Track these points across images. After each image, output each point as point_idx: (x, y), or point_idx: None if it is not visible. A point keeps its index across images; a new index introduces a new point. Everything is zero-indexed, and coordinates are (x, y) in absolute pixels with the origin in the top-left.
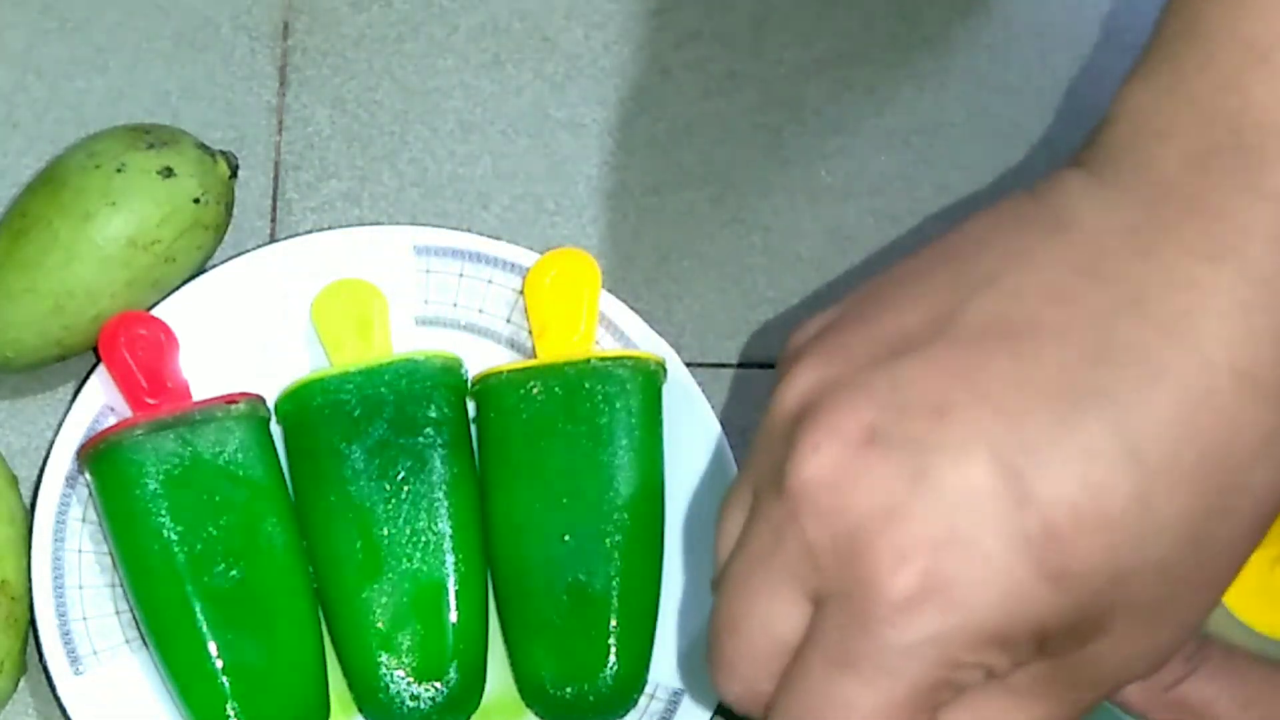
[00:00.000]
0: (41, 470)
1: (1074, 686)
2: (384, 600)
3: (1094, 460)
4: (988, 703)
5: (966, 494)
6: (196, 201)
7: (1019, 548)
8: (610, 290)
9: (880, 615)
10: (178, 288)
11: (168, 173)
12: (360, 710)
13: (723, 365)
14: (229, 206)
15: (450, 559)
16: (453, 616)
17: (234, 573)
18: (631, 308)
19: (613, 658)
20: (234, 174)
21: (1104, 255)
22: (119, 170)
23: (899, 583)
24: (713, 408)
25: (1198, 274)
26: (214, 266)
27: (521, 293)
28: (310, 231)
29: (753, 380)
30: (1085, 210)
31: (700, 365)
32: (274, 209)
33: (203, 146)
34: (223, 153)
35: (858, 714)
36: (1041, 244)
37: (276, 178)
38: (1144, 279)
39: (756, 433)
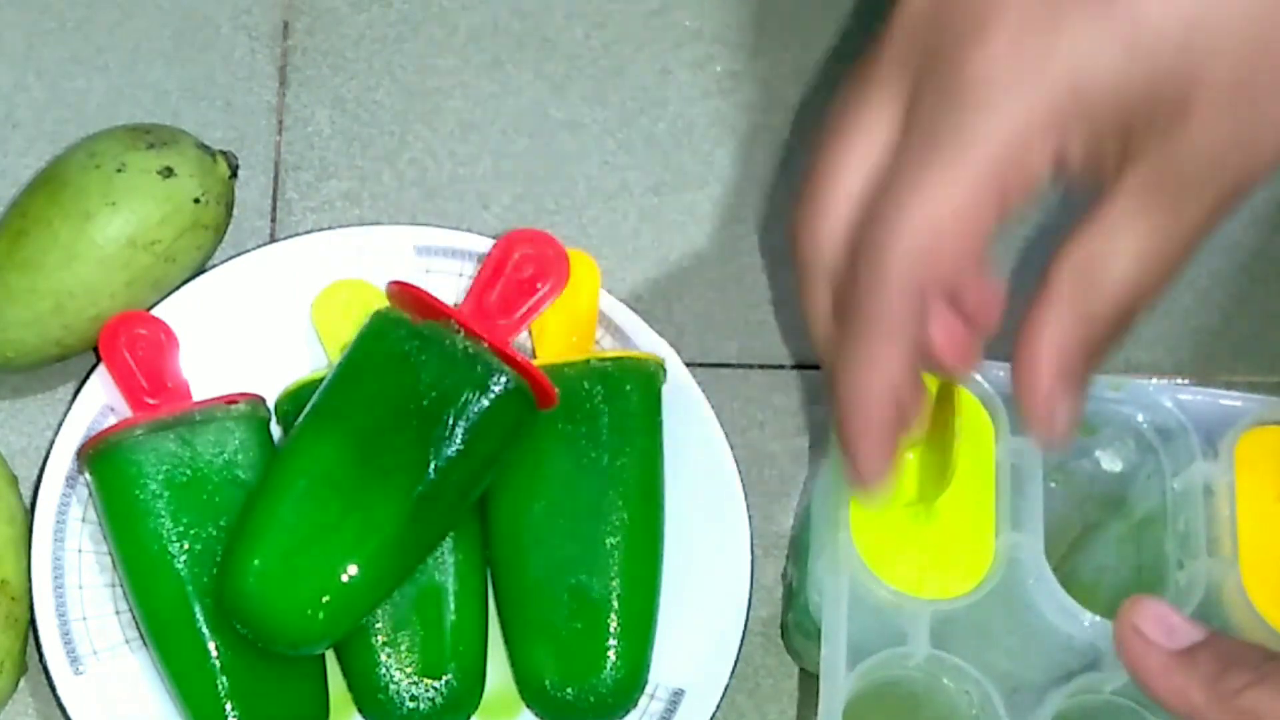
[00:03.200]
0: (41, 470)
1: (1176, 192)
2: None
3: None
4: (1103, 222)
5: None
6: (196, 201)
7: (1095, 13)
8: (610, 290)
9: (964, 88)
10: (178, 288)
11: (168, 173)
12: (360, 710)
13: (722, 365)
14: (229, 206)
15: (450, 560)
16: (452, 617)
17: None
18: (631, 308)
19: (612, 658)
20: (234, 174)
21: None
22: (119, 170)
23: (983, 53)
24: (713, 408)
25: None
26: (214, 266)
27: None
28: (310, 231)
29: (752, 380)
30: None
31: (700, 365)
32: (274, 209)
33: (203, 146)
34: (223, 153)
35: (944, 205)
36: None
37: (276, 178)
38: None
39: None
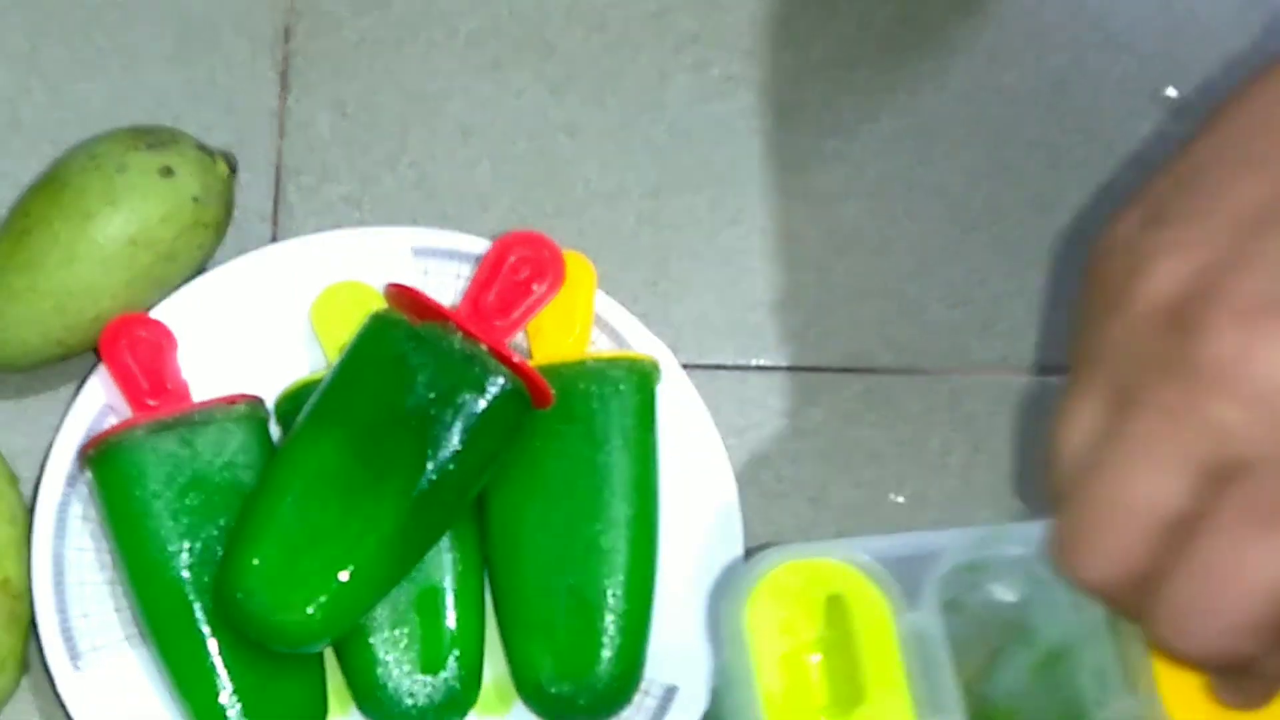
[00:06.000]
0: (42, 470)
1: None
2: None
3: None
4: None
5: None
6: (196, 200)
7: None
8: (609, 292)
9: None
10: (179, 287)
11: (167, 172)
12: (359, 707)
13: (721, 367)
14: (229, 205)
15: (448, 558)
16: (450, 615)
17: None
18: (630, 310)
19: (608, 656)
20: (233, 173)
21: None
22: (119, 170)
23: None
24: (710, 409)
25: None
26: (214, 268)
27: None
28: (310, 234)
29: (750, 382)
30: None
31: (698, 367)
32: (275, 213)
33: (202, 147)
34: (222, 152)
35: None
36: None
37: (278, 181)
38: None
39: (1099, 338)
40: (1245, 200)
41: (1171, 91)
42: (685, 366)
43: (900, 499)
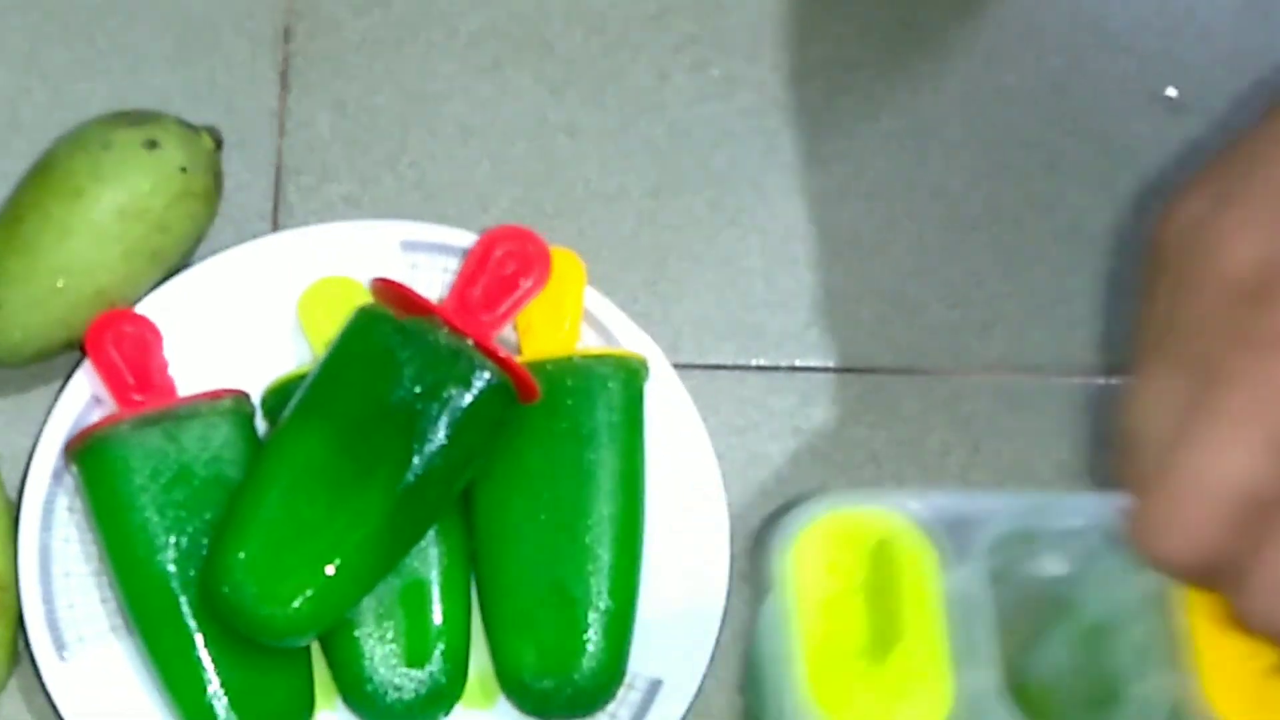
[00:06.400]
0: (28, 463)
1: None
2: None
3: None
4: None
5: None
6: (184, 170)
7: None
8: (608, 292)
9: None
10: (177, 261)
11: (152, 145)
12: (344, 701)
13: (720, 367)
14: (218, 178)
15: (434, 553)
16: (436, 609)
17: None
18: (630, 310)
19: (592, 652)
20: (219, 147)
21: None
22: (104, 148)
23: None
24: (710, 409)
25: None
26: (200, 262)
27: None
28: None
29: (749, 382)
30: None
31: (698, 367)
32: (275, 212)
33: (184, 123)
34: (206, 127)
35: None
36: None
37: (278, 181)
38: None
39: (1174, 318)
40: None
41: (1171, 91)
42: (685, 366)
43: None
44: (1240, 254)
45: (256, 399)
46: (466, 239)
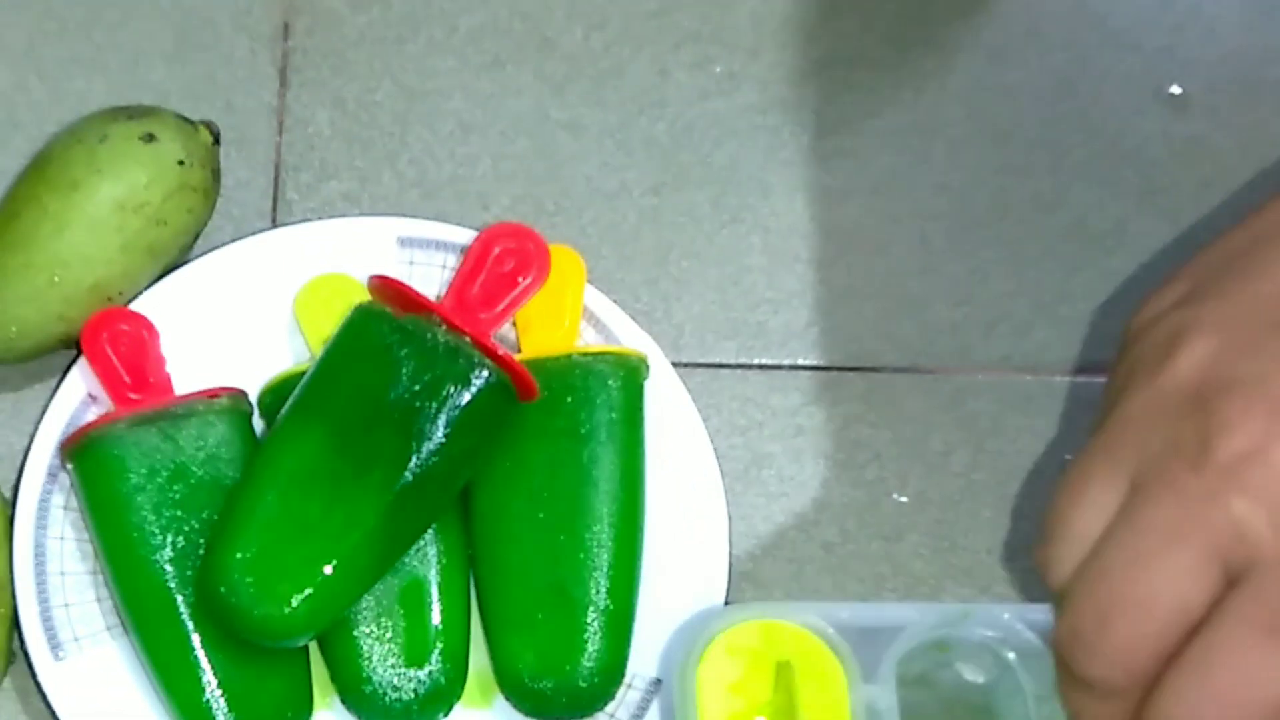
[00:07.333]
0: (23, 462)
1: None
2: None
3: None
4: None
5: None
6: (181, 164)
7: None
8: (609, 290)
9: None
10: (175, 256)
11: (149, 138)
12: (343, 701)
13: (722, 365)
14: (215, 172)
15: (433, 552)
16: (435, 609)
17: None
18: (630, 308)
19: (591, 652)
20: (216, 141)
21: None
22: (101, 141)
23: None
24: (712, 408)
25: None
26: (196, 259)
27: None
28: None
29: (751, 380)
30: None
31: (700, 365)
32: (274, 210)
33: (182, 117)
34: (204, 122)
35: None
36: None
37: (277, 179)
38: None
39: (1120, 413)
40: (1276, 287)
41: (1175, 89)
42: (686, 365)
43: (903, 498)
44: (1190, 356)
45: (254, 396)
46: (464, 236)
